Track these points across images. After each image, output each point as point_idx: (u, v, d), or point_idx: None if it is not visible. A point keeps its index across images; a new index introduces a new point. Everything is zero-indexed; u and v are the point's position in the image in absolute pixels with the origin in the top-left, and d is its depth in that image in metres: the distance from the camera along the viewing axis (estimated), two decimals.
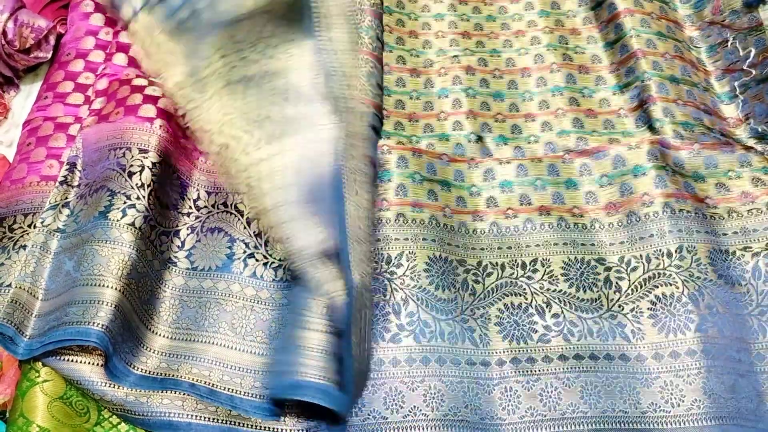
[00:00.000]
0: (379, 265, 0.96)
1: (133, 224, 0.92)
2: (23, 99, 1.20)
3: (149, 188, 0.95)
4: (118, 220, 0.91)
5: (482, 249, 1.00)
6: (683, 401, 0.85)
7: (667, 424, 0.84)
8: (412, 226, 1.00)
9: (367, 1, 1.17)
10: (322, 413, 0.83)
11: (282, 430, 0.84)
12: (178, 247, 0.98)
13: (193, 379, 0.86)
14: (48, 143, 1.07)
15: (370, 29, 1.13)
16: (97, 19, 1.20)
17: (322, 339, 0.82)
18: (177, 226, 1.00)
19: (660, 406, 0.86)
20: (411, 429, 0.85)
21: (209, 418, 0.84)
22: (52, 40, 1.20)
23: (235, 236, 0.99)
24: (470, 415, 0.86)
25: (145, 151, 0.98)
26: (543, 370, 0.89)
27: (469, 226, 1.03)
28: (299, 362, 0.81)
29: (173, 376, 0.87)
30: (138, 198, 0.94)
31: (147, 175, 0.96)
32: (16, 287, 0.88)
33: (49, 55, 1.21)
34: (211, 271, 0.97)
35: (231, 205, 1.02)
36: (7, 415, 0.85)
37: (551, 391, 0.88)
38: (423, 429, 0.85)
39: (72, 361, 0.85)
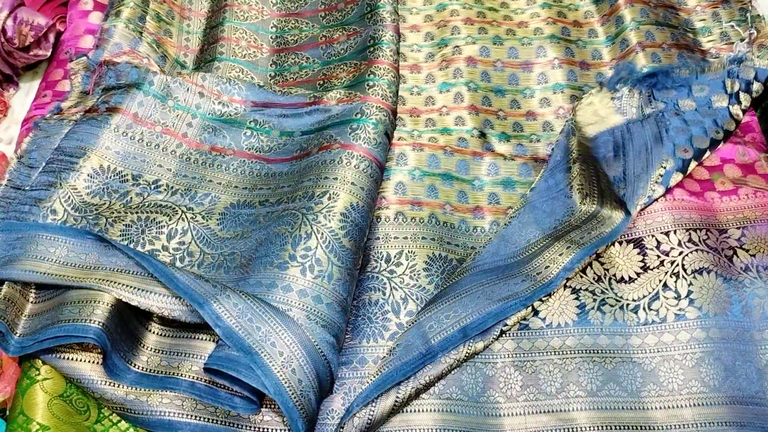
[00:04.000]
0: (378, 263, 0.97)
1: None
2: (23, 97, 1.20)
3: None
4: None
5: (482, 247, 0.99)
6: None
7: None
8: (411, 224, 1.01)
9: (388, 16, 1.20)
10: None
11: (282, 430, 0.84)
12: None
13: (193, 377, 0.86)
14: None
15: (391, 42, 1.16)
16: (96, 18, 1.20)
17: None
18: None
19: None
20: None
21: (209, 419, 0.84)
22: (51, 38, 1.20)
23: None
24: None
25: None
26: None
27: (469, 224, 1.03)
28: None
29: (174, 374, 0.87)
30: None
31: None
32: (8, 286, 0.88)
33: (49, 53, 1.21)
34: None
35: None
36: (7, 413, 0.85)
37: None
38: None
39: (71, 359, 0.86)
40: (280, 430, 0.84)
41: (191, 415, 0.84)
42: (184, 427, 0.83)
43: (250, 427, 0.84)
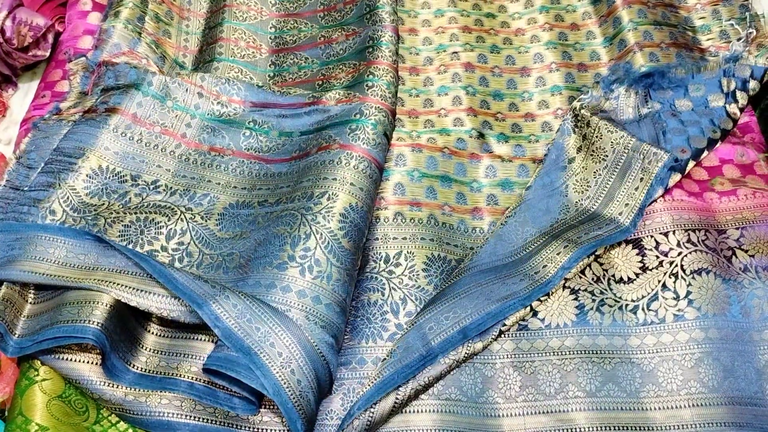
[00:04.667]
0: (377, 263, 0.97)
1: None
2: (21, 97, 1.20)
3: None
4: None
5: (480, 247, 1.00)
6: None
7: None
8: (411, 225, 1.01)
9: (387, 17, 1.20)
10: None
11: (281, 431, 0.84)
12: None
13: (192, 378, 0.86)
14: None
15: (390, 43, 1.16)
16: (95, 18, 1.20)
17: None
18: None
19: None
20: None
21: (207, 420, 0.84)
22: (50, 38, 1.20)
23: None
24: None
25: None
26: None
27: (468, 225, 1.03)
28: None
29: (173, 374, 0.87)
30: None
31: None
32: (7, 287, 0.88)
33: (48, 54, 1.21)
34: None
35: None
36: (6, 413, 0.85)
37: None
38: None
39: (70, 360, 0.85)
40: (280, 430, 0.84)
41: (190, 416, 0.84)
42: (183, 428, 0.83)
43: (249, 427, 0.84)
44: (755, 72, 1.05)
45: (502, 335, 0.91)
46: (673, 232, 0.95)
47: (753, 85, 1.05)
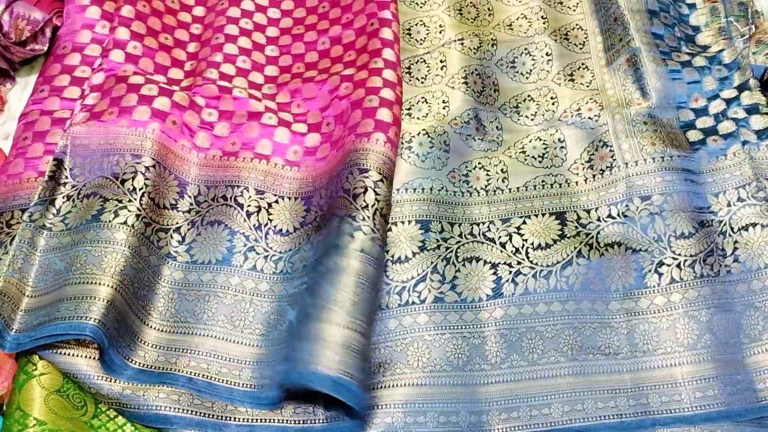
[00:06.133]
0: None
1: (125, 223, 0.92)
2: (19, 91, 1.20)
3: (141, 191, 0.96)
4: (110, 221, 0.92)
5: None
6: None
7: None
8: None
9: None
10: (335, 403, 0.83)
11: (279, 420, 0.84)
12: (178, 242, 0.98)
13: (190, 373, 0.87)
14: (45, 139, 1.05)
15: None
16: (93, 12, 1.18)
17: (346, 335, 0.82)
18: (177, 222, 0.99)
19: None
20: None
21: (205, 414, 0.85)
22: (48, 32, 1.19)
23: (235, 229, 0.99)
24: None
25: (138, 156, 0.98)
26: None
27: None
28: (321, 354, 0.80)
29: (171, 369, 0.87)
30: (130, 201, 0.94)
31: (140, 179, 0.96)
32: (5, 281, 0.88)
33: (46, 48, 1.20)
34: (211, 264, 0.96)
35: (231, 198, 1.01)
36: (4, 408, 0.85)
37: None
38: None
39: (68, 354, 0.85)
40: (277, 420, 0.85)
41: (187, 410, 0.85)
42: (180, 422, 0.84)
43: (246, 419, 0.85)
44: (754, 71, 1.06)
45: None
46: None
47: (752, 84, 1.05)
